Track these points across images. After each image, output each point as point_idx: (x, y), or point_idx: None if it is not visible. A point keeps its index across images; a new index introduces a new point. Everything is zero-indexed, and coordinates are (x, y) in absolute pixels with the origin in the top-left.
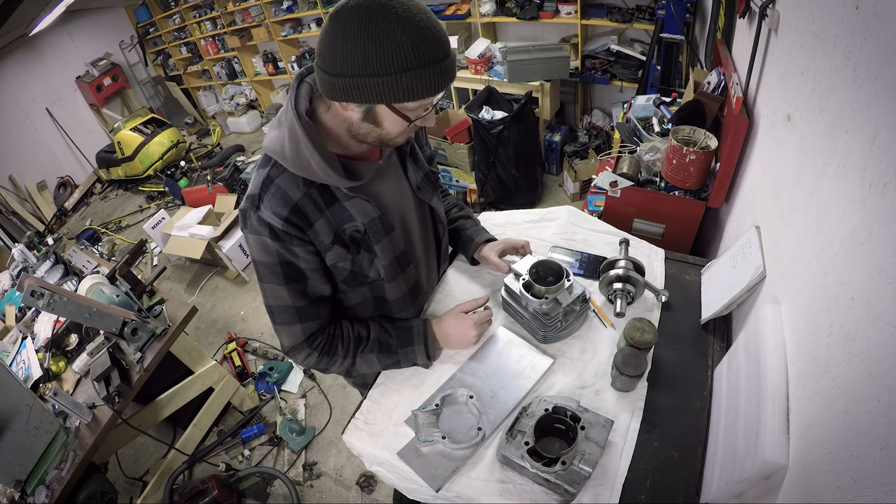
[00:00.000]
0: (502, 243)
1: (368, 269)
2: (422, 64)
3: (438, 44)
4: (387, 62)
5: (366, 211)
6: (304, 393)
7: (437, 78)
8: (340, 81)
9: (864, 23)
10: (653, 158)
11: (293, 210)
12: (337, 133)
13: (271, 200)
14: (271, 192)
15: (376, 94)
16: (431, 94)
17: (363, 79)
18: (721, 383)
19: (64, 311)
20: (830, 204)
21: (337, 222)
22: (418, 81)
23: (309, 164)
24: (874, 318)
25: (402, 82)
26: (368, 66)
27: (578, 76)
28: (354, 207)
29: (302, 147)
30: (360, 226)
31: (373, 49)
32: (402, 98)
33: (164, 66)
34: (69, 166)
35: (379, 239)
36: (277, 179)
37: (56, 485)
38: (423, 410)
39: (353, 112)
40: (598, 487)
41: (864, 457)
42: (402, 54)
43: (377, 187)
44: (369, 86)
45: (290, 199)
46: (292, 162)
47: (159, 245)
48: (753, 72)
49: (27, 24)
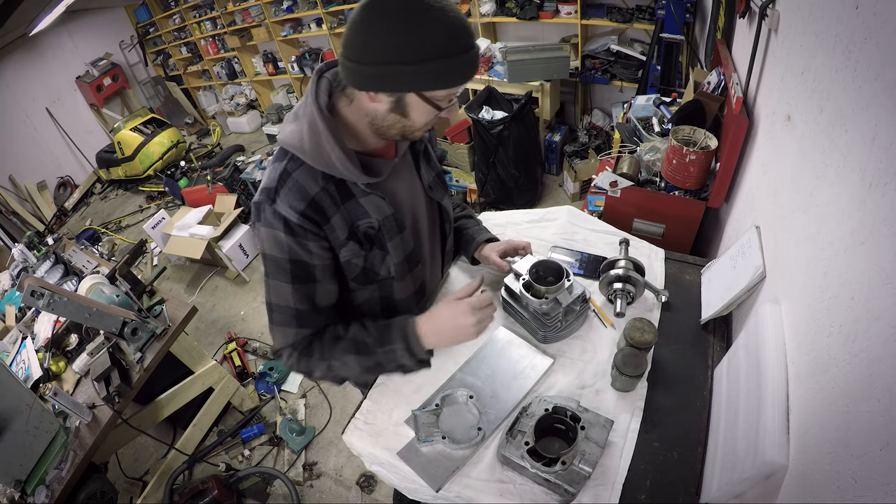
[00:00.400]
0: (504, 244)
1: (380, 266)
2: (454, 52)
3: (468, 34)
4: (422, 50)
5: (381, 208)
6: (304, 393)
7: (467, 67)
8: (373, 70)
9: (864, 23)
10: (653, 158)
11: (310, 204)
12: (357, 128)
13: (288, 194)
14: (288, 186)
15: (410, 82)
16: (462, 82)
17: (398, 67)
18: (721, 383)
19: (64, 311)
20: (830, 204)
21: (352, 218)
22: (451, 69)
23: (329, 157)
24: (874, 318)
25: (437, 70)
26: (404, 54)
27: (578, 76)
28: (370, 204)
29: (323, 141)
30: (375, 222)
31: (408, 37)
32: (435, 86)
33: (164, 66)
34: (69, 166)
35: (392, 236)
36: (295, 173)
37: (56, 485)
38: (423, 410)
39: (380, 103)
40: (598, 487)
41: (864, 457)
42: (437, 43)
43: (392, 185)
44: (404, 73)
45: (308, 192)
46: (312, 155)
47: (159, 245)
48: (753, 72)
49: (27, 24)
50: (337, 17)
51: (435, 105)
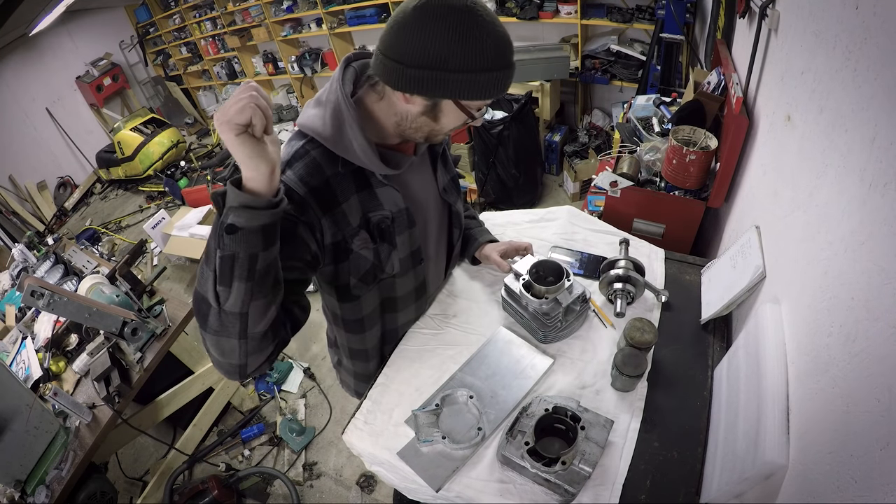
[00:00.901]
0: (506, 244)
1: (386, 261)
2: (498, 66)
3: (510, 51)
4: (471, 61)
5: (395, 200)
6: (304, 393)
7: (505, 81)
8: (417, 73)
9: (864, 23)
10: (653, 158)
11: (325, 183)
12: (382, 123)
13: (302, 168)
14: (304, 161)
15: (453, 89)
16: (498, 94)
17: (444, 73)
18: (721, 383)
19: (64, 311)
20: (830, 204)
21: (366, 208)
22: (493, 82)
23: (351, 144)
24: (874, 318)
25: (481, 81)
26: (453, 62)
27: (578, 76)
28: (385, 195)
29: (346, 128)
30: (389, 214)
31: (460, 47)
32: (476, 96)
33: (164, 66)
34: (69, 166)
35: (401, 231)
36: (313, 152)
37: (56, 485)
38: (423, 410)
39: (414, 105)
40: (598, 487)
41: (864, 457)
42: (486, 56)
43: (408, 180)
44: (448, 81)
45: (324, 172)
46: (333, 141)
47: (159, 245)
48: (753, 72)
49: (27, 25)
50: (337, 17)
51: (469, 113)
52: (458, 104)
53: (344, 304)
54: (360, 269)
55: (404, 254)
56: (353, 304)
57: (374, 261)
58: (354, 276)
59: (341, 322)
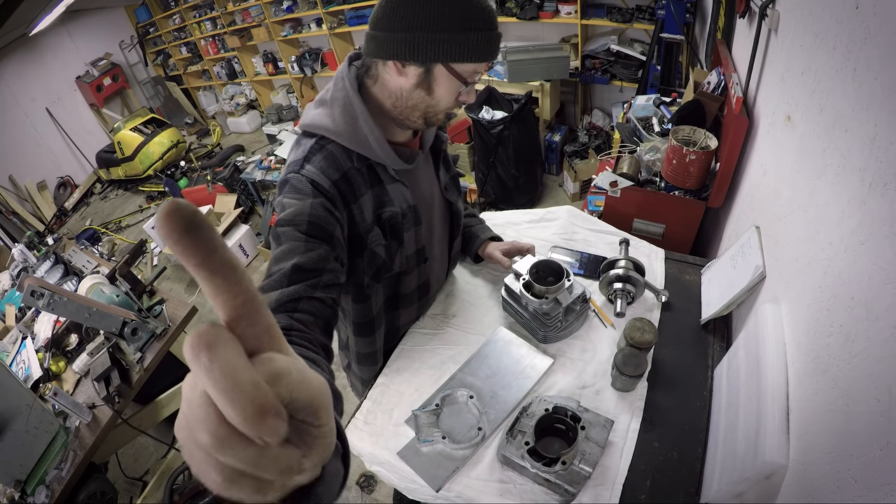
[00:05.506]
0: (509, 244)
1: (394, 259)
2: (486, 27)
3: (494, 16)
4: (459, 20)
5: (405, 196)
6: None
7: (495, 43)
8: (406, 37)
9: (864, 23)
10: (653, 158)
11: (343, 176)
12: (381, 114)
13: (322, 162)
14: (322, 155)
15: (443, 50)
16: (489, 57)
17: (432, 34)
18: (721, 383)
19: (64, 311)
20: (830, 204)
21: (379, 203)
22: (482, 42)
23: (366, 138)
24: (874, 318)
25: (470, 41)
26: (441, 21)
27: (578, 76)
28: (396, 191)
29: (360, 122)
30: (399, 210)
31: (447, 7)
32: (466, 57)
33: (164, 66)
34: (69, 166)
35: (409, 227)
36: (328, 146)
37: (56, 485)
38: (423, 410)
39: (407, 78)
40: (598, 487)
41: (864, 457)
42: (473, 15)
43: (415, 177)
44: (437, 41)
45: (342, 165)
46: (347, 136)
47: (159, 245)
48: (753, 72)
49: (27, 24)
50: (337, 17)
51: (462, 79)
52: (450, 69)
53: (356, 304)
54: (373, 266)
55: (410, 251)
56: (364, 306)
57: (385, 257)
58: (368, 274)
59: (352, 325)
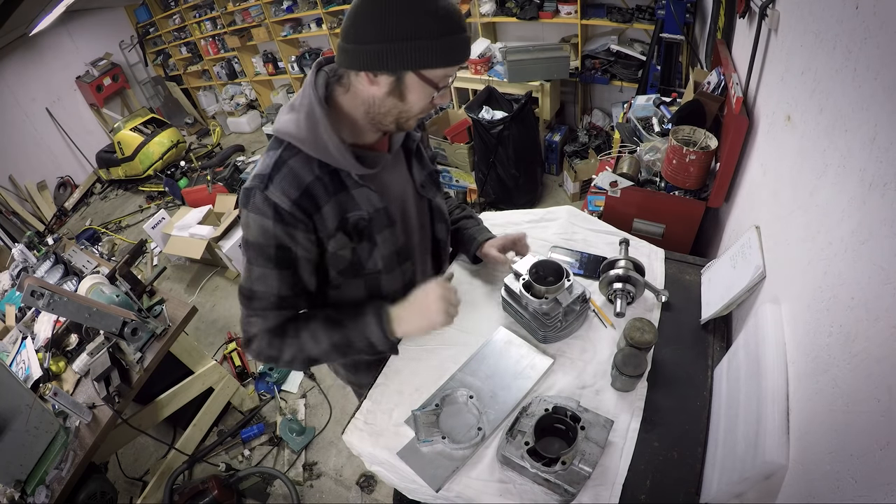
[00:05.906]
0: (501, 238)
1: (367, 259)
2: (453, 31)
3: (462, 18)
4: (424, 27)
5: (372, 200)
6: (304, 393)
7: (464, 46)
8: (375, 48)
9: (864, 23)
10: (653, 158)
11: (304, 192)
12: (353, 118)
13: (282, 181)
14: (283, 173)
15: (411, 58)
16: (459, 61)
17: (400, 43)
18: (721, 383)
19: (64, 311)
20: (830, 204)
21: (343, 210)
22: (450, 47)
23: (326, 146)
24: (874, 318)
25: (437, 47)
26: (406, 30)
27: (578, 76)
28: (361, 196)
29: (321, 129)
30: (366, 214)
31: (410, 16)
32: (434, 63)
33: (164, 66)
34: (69, 166)
35: (381, 229)
36: (290, 161)
37: (56, 485)
38: (423, 410)
39: (379, 87)
40: (598, 487)
41: (864, 457)
42: (438, 21)
43: (384, 179)
44: (405, 50)
45: (302, 180)
46: (309, 144)
47: (159, 245)
48: (753, 72)
49: (27, 24)
50: (337, 17)
51: (433, 84)
52: (420, 75)
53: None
54: (337, 266)
55: (388, 251)
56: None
57: (352, 258)
58: (333, 270)
59: None
